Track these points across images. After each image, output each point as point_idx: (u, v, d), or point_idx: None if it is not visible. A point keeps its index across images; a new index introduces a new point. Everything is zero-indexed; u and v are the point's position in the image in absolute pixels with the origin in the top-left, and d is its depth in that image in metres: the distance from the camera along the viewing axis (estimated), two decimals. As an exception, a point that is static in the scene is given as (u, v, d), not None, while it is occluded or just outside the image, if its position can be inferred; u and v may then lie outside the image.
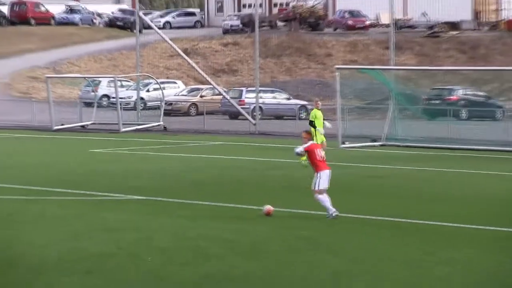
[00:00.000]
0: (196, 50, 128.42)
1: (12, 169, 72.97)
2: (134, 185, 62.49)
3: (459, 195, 58.25)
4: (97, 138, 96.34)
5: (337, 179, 59.33)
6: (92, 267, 37.18)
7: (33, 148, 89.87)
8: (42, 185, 63.59)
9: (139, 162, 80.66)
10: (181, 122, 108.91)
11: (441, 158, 77.52)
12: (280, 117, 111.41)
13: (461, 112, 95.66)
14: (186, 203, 55.38)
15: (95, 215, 51.67)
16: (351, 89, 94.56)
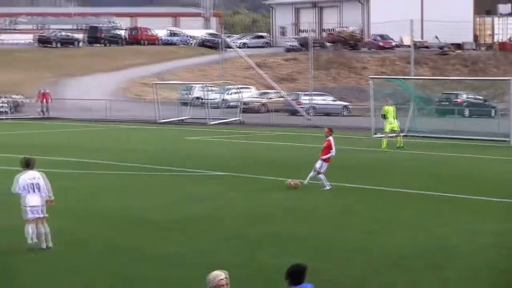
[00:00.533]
0: (265, 63, 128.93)
1: (128, 152, 77.14)
2: (218, 164, 66.64)
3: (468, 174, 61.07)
4: (191, 129, 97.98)
5: (371, 161, 69.69)
6: (186, 226, 43.06)
7: (143, 136, 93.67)
8: (149, 163, 68.31)
9: (221, 147, 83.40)
10: (254, 117, 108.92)
11: (450, 146, 79.02)
12: (328, 114, 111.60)
13: (465, 111, 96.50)
14: (257, 178, 59.87)
15: (188, 186, 57.01)
16: (381, 94, 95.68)
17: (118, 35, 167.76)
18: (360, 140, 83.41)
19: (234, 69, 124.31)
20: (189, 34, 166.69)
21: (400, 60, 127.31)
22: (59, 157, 71.50)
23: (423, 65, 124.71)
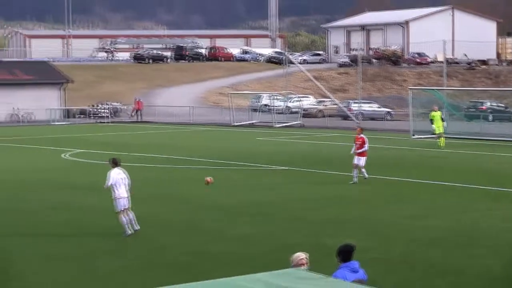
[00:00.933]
0: (321, 76, 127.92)
1: (207, 149, 76.77)
2: (282, 160, 66.32)
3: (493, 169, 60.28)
4: (260, 131, 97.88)
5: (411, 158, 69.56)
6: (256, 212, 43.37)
7: (220, 136, 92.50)
8: (225, 159, 67.76)
9: (285, 146, 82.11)
10: (312, 121, 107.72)
11: (477, 145, 78.06)
12: (374, 118, 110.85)
13: (489, 116, 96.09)
14: (315, 172, 59.39)
15: (258, 179, 57.25)
16: (418, 102, 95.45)
17: (200, 53, 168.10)
18: (401, 141, 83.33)
19: (296, 81, 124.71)
20: (258, 52, 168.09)
21: (434, 73, 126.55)
22: (149, 154, 72.89)
23: (454, 78, 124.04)
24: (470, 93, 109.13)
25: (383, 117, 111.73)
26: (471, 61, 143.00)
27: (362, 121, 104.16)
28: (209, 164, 64.98)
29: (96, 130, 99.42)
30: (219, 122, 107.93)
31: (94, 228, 38.80)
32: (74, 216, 41.87)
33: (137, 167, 60.83)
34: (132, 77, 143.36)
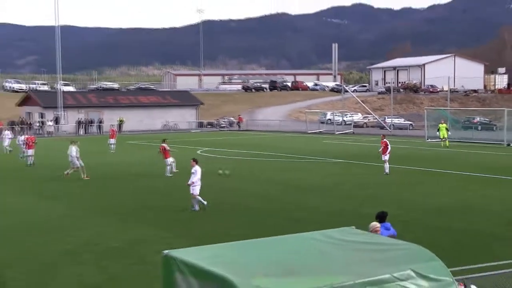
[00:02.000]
0: (366, 100, 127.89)
1: (290, 148, 74.20)
2: (339, 155, 64.51)
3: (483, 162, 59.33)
4: (325, 136, 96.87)
5: (426, 154, 67.56)
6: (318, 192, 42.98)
7: (299, 140, 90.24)
8: (302, 154, 65.91)
9: (342, 146, 78.91)
10: (359, 130, 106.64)
11: (470, 146, 76.27)
12: (400, 128, 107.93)
13: (478, 127, 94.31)
14: (361, 163, 57.92)
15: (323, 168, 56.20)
16: (431, 117, 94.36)
17: (287, 85, 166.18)
18: (418, 143, 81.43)
19: (349, 103, 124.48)
20: (325, 84, 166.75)
21: (442, 99, 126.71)
22: (247, 150, 71.70)
23: (455, 101, 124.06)
24: (466, 112, 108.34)
25: (407, 127, 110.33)
26: (466, 90, 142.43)
27: (393, 130, 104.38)
28: (292, 158, 64.04)
29: (218, 135, 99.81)
30: (298, 130, 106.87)
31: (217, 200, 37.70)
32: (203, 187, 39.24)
33: (245, 160, 62.66)
34: (242, 101, 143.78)
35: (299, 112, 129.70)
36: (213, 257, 13.24)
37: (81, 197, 39.63)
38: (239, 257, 13.50)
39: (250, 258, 13.50)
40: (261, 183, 45.73)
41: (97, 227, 30.04)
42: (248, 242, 15.23)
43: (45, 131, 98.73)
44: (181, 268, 12.93)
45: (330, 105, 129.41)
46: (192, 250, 14.04)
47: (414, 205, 35.45)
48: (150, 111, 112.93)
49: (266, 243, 14.91)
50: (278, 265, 12.99)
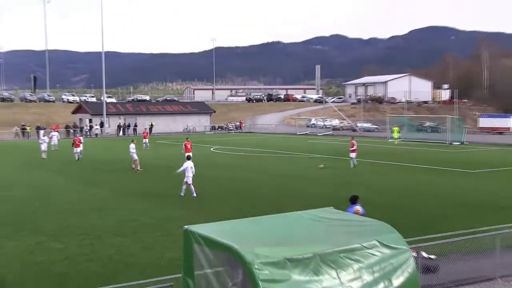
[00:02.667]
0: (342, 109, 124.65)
1: (283, 146, 71.58)
2: (320, 151, 62.63)
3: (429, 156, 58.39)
4: (311, 137, 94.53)
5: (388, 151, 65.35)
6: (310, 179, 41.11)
7: (290, 140, 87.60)
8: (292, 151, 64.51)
9: (323, 145, 75.31)
10: (337, 132, 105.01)
11: (422, 145, 75.04)
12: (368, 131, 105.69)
13: (428, 130, 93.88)
14: (337, 158, 55.61)
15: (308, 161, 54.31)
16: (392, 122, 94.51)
17: (280, 97, 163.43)
18: (382, 142, 80.00)
19: (329, 111, 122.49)
20: (310, 97, 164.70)
21: (400, 108, 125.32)
22: (249, 148, 69.61)
23: (410, 110, 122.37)
24: (419, 118, 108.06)
25: (373, 130, 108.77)
26: (419, 102, 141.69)
27: (363, 132, 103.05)
28: (283, 153, 62.61)
29: (226, 136, 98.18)
30: (289, 132, 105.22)
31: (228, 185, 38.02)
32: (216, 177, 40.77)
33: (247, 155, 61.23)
34: (245, 110, 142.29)
35: (290, 118, 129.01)
36: (223, 231, 13.52)
37: (121, 184, 39.41)
38: (243, 231, 13.74)
39: (251, 231, 13.76)
40: (258, 173, 45.20)
41: (133, 208, 30.08)
42: (250, 219, 15.29)
43: (92, 133, 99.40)
44: (198, 239, 13.15)
45: (314, 113, 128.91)
46: (206, 225, 14.16)
47: (379, 189, 35.00)
48: (174, 117, 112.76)
49: (264, 220, 15.12)
50: (273, 237, 13.30)
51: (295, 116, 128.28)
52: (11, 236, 24.16)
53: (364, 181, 39.15)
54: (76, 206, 31.05)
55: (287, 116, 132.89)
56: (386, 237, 13.48)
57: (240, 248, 12.10)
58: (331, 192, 34.03)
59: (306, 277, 12.02)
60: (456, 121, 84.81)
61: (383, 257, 13.05)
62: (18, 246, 22.60)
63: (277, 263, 11.87)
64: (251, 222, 14.95)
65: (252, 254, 11.87)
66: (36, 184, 39.28)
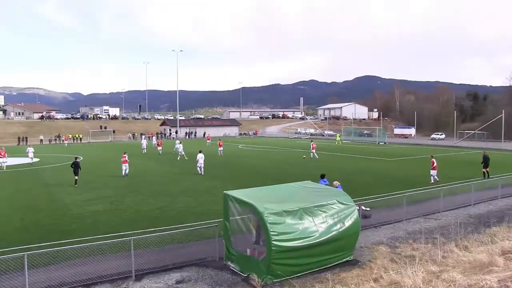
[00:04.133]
0: (316, 123, 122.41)
1: (281, 145, 68.02)
2: (302, 147, 58.62)
3: (371, 150, 55.41)
4: (298, 139, 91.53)
5: (340, 148, 60.93)
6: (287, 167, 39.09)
7: (286, 142, 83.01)
8: (286, 147, 61.11)
9: (304, 144, 70.17)
10: (313, 137, 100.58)
11: (361, 144, 71.77)
12: (331, 136, 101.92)
13: (366, 135, 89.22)
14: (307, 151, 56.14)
15: (294, 154, 51.81)
16: (345, 131, 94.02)
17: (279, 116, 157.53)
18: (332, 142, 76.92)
19: (308, 124, 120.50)
20: (296, 115, 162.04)
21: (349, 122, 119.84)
22: (261, 145, 66.27)
23: (355, 124, 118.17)
24: (359, 128, 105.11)
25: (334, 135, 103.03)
26: (360, 119, 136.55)
27: (328, 136, 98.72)
28: (280, 149, 60.29)
29: (248, 139, 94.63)
30: (285, 137, 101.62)
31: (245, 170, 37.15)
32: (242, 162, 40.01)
33: (261, 149, 59.77)
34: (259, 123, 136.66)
35: (285, 128, 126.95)
36: (246, 194, 13.60)
37: (185, 166, 38.90)
38: (257, 194, 13.75)
39: (262, 194, 13.77)
40: (266, 160, 44.35)
41: (192, 181, 29.73)
42: (262, 187, 15.34)
43: (171, 137, 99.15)
44: (231, 199, 13.41)
45: (299, 125, 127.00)
46: (236, 191, 14.08)
47: (335, 170, 33.84)
48: (218, 128, 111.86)
49: (270, 188, 15.14)
50: (276, 198, 13.35)
51: (288, 127, 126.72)
52: (126, 195, 24.39)
53: (326, 165, 38.11)
54: (160, 178, 30.94)
55: (284, 127, 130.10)
56: (341, 198, 13.74)
57: (256, 204, 12.51)
58: (309, 171, 33.01)
59: (294, 221, 12.33)
60: (381, 130, 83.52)
61: (339, 209, 13.29)
62: (132, 200, 22.93)
63: (278, 213, 12.21)
64: (262, 189, 14.98)
65: (263, 208, 12.25)
66: (138, 166, 39.25)
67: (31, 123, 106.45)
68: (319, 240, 12.23)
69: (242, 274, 12.32)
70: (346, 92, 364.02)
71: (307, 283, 11.51)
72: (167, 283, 11.80)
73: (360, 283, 10.63)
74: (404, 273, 10.35)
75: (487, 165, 29.86)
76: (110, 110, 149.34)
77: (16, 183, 29.24)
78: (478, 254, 11.36)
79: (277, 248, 11.59)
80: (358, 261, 13.10)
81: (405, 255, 13.32)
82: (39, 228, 17.14)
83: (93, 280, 11.80)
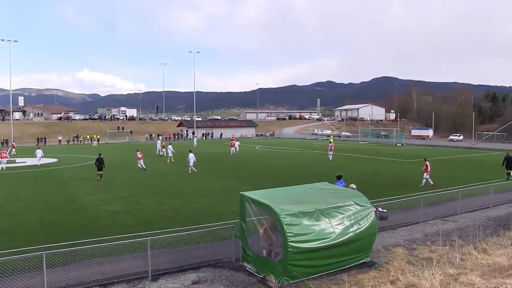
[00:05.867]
0: (332, 124, 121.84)
1: (295, 145, 68.04)
2: (319, 148, 59.21)
3: (385, 151, 54.98)
4: (314, 140, 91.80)
5: (359, 148, 60.65)
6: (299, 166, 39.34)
7: (302, 142, 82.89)
8: (301, 148, 61.67)
9: (321, 145, 70.87)
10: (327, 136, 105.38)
11: (379, 145, 71.54)
12: (348, 137, 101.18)
13: (383, 136, 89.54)
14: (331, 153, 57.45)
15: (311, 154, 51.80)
16: (362, 132, 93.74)
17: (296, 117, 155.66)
18: (355, 143, 75.94)
19: (325, 125, 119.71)
20: (313, 117, 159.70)
21: (367, 123, 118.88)
22: (278, 146, 66.39)
23: (372, 125, 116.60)
24: (377, 129, 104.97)
25: (351, 136, 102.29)
26: (377, 120, 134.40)
27: (344, 138, 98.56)
28: (297, 149, 60.12)
29: (265, 140, 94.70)
30: (302, 138, 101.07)
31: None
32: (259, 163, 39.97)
33: (277, 150, 59.65)
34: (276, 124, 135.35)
35: (302, 129, 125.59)
36: (262, 195, 13.51)
37: (200, 166, 38.74)
38: (274, 195, 13.69)
39: (279, 195, 13.73)
40: (283, 161, 44.12)
41: (209, 181, 29.84)
42: (278, 188, 15.35)
43: (188, 138, 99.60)
44: (248, 200, 13.35)
45: (316, 126, 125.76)
46: (253, 192, 14.02)
47: (352, 171, 33.68)
48: (234, 129, 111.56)
49: (286, 189, 15.08)
50: (292, 199, 13.28)
51: (305, 128, 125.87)
52: (143, 196, 24.54)
53: (344, 166, 37.78)
54: (176, 179, 31.06)
55: (301, 128, 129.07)
56: (358, 199, 13.63)
57: (273, 205, 12.49)
58: (325, 172, 32.74)
59: (310, 222, 12.28)
60: (398, 131, 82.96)
61: (356, 211, 13.19)
62: (148, 201, 22.97)
63: (294, 214, 12.17)
64: (279, 190, 14.99)
65: (279, 209, 12.22)
66: (154, 167, 39.40)
67: (50, 123, 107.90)
68: (335, 241, 12.13)
69: (258, 275, 12.28)
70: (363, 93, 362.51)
71: (323, 285, 11.42)
72: (183, 283, 11.80)
73: (376, 285, 10.57)
74: (422, 275, 10.25)
75: (511, 167, 29.57)
76: (127, 111, 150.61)
77: (36, 183, 29.68)
78: (498, 257, 11.15)
79: (294, 249, 11.54)
80: (375, 263, 12.97)
81: (422, 257, 13.18)
82: (57, 227, 17.30)
83: (110, 280, 11.86)
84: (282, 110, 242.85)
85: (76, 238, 15.47)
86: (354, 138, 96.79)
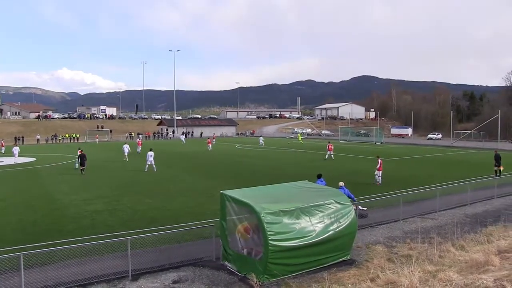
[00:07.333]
0: (312, 123, 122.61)
1: (278, 144, 67.56)
2: (300, 147, 59.47)
3: (365, 149, 55.26)
4: (295, 139, 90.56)
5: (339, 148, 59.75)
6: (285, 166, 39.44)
7: (283, 141, 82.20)
8: (283, 147, 60.91)
9: (302, 144, 73.72)
10: (310, 137, 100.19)
11: (358, 144, 71.64)
12: (328, 136, 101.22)
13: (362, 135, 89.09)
14: (312, 152, 53.29)
15: (291, 154, 51.22)
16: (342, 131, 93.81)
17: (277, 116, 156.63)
18: (336, 142, 75.37)
19: (304, 124, 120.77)
20: (293, 115, 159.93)
21: (346, 122, 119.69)
22: (256, 145, 65.90)
23: (352, 124, 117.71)
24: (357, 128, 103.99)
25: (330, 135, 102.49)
26: (357, 119, 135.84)
27: (325, 136, 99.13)
28: (278, 148, 60.05)
29: (245, 139, 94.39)
30: (282, 137, 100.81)
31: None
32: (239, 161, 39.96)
33: (258, 149, 59.62)
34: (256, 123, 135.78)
35: (282, 128, 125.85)
36: (243, 194, 13.49)
37: (183, 165, 38.75)
38: (254, 194, 13.65)
39: (259, 194, 13.70)
40: (264, 160, 44.07)
41: (190, 180, 29.69)
42: (258, 187, 15.21)
43: (168, 137, 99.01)
44: (228, 199, 13.29)
45: (296, 125, 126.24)
46: (233, 191, 14.01)
47: (334, 170, 33.71)
48: (214, 128, 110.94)
49: (267, 188, 15.02)
50: (273, 197, 13.29)
51: (285, 127, 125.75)
52: (123, 195, 24.30)
53: (324, 165, 37.71)
54: (156, 179, 30.78)
55: (281, 127, 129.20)
56: (338, 198, 13.71)
57: (253, 204, 12.46)
58: (305, 171, 32.84)
59: (291, 220, 12.29)
60: (378, 130, 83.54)
61: (336, 209, 13.26)
62: (129, 201, 22.76)
63: (275, 213, 12.15)
64: (259, 188, 14.89)
65: (260, 207, 12.20)
66: (131, 165, 39.05)
67: (28, 122, 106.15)
68: (316, 239, 12.17)
69: (239, 274, 12.28)
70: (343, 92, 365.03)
71: (304, 283, 11.46)
72: (164, 283, 11.75)
73: (357, 283, 10.65)
74: (401, 272, 10.35)
75: (500, 163, 30.47)
76: (107, 109, 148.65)
77: (15, 182, 29.15)
78: (475, 253, 11.33)
79: (274, 247, 11.54)
80: (355, 261, 13.08)
81: (401, 254, 13.30)
82: (37, 228, 17.09)
83: (89, 280, 11.76)
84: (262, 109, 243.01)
85: (56, 238, 15.24)
86: (334, 136, 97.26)
